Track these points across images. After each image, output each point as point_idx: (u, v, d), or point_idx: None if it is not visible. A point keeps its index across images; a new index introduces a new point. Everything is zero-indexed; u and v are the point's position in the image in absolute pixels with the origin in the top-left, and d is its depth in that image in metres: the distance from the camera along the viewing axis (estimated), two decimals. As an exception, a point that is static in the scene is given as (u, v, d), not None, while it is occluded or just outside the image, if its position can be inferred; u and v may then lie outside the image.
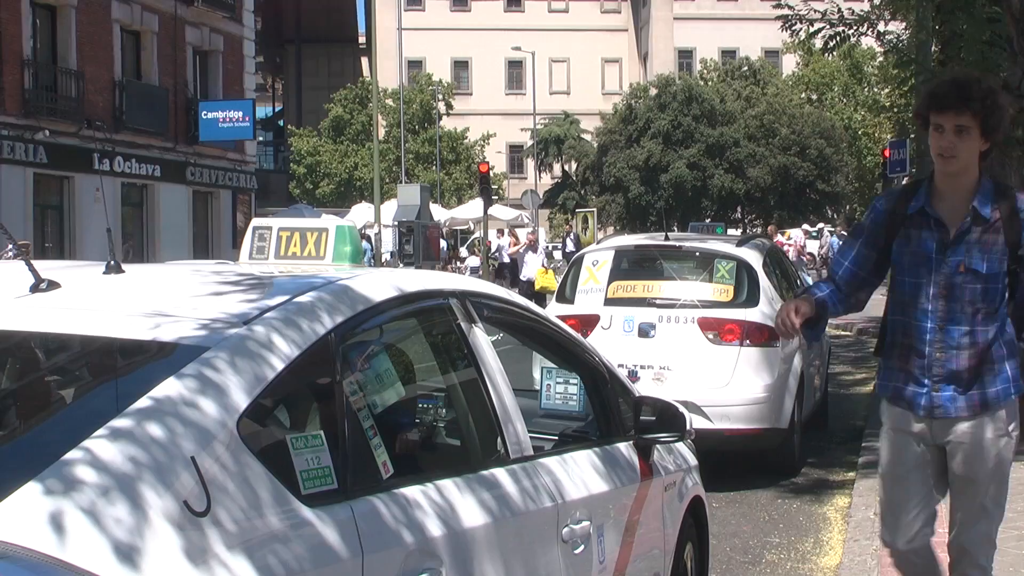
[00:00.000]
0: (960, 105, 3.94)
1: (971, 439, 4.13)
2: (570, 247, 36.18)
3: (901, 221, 4.15)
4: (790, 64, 64.20)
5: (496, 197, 54.11)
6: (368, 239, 37.26)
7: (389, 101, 63.52)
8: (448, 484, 3.16)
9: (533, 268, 25.45)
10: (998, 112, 3.97)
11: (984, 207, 4.05)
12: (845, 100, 56.20)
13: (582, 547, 3.76)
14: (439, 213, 46.82)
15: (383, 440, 3.07)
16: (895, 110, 27.85)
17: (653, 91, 58.23)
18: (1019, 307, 4.15)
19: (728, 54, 70.21)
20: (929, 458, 4.22)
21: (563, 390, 4.87)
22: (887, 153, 21.80)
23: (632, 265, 10.00)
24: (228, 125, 33.77)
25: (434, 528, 2.97)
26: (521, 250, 28.48)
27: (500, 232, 42.74)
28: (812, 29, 12.00)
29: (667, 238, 10.39)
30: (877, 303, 4.43)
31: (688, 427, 4.48)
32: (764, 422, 8.94)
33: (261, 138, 58.37)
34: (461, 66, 78.14)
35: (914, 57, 12.15)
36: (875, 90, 45.65)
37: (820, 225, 48.76)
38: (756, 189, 54.58)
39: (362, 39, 75.08)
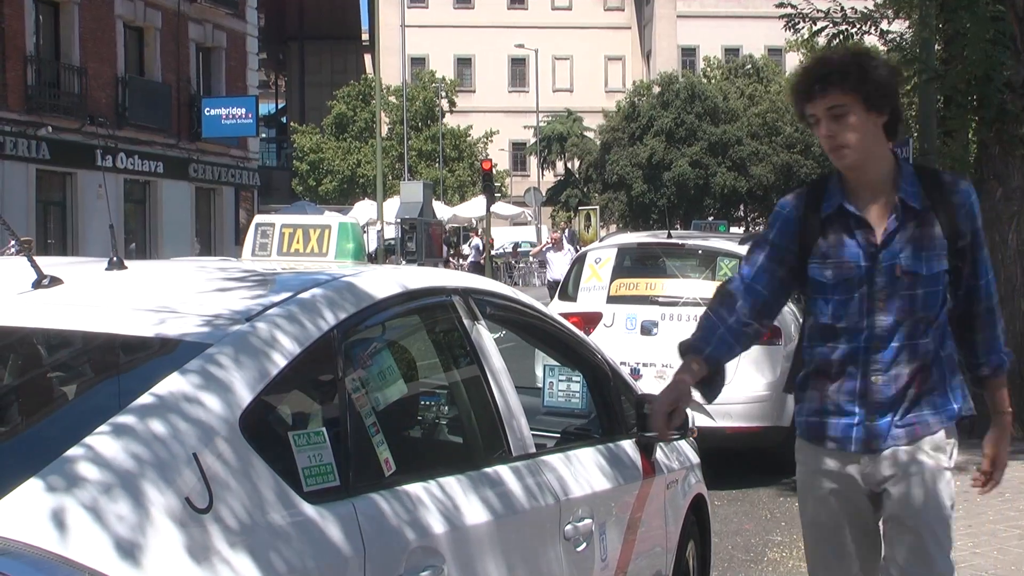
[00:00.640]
0: (823, 87, 3.30)
1: (909, 472, 3.40)
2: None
3: (817, 228, 3.42)
4: (793, 62, 64.04)
5: (499, 194, 54.15)
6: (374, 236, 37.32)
7: (392, 98, 63.49)
8: (450, 481, 3.16)
9: (560, 268, 25.04)
10: (876, 79, 3.29)
11: (912, 197, 3.37)
12: (848, 98, 56.09)
13: (584, 545, 3.76)
14: (442, 210, 46.86)
15: (385, 437, 3.07)
16: (898, 108, 27.82)
17: (656, 89, 58.19)
18: (964, 311, 3.47)
19: (731, 52, 70.17)
20: (865, 506, 3.49)
21: (566, 388, 4.87)
22: (890, 151, 21.73)
23: (635, 263, 10.00)
24: (231, 122, 33.80)
25: (436, 525, 2.96)
26: (543, 249, 28.56)
27: (475, 232, 42.52)
28: (815, 27, 11.98)
29: (670, 236, 10.39)
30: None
31: (690, 425, 4.48)
32: (766, 420, 8.94)
33: (264, 135, 58.38)
34: (464, 63, 78.11)
35: (917, 56, 12.12)
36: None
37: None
38: (759, 187, 54.55)
39: (365, 36, 75.15)
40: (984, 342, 3.49)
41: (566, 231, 39.08)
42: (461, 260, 43.04)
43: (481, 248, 38.86)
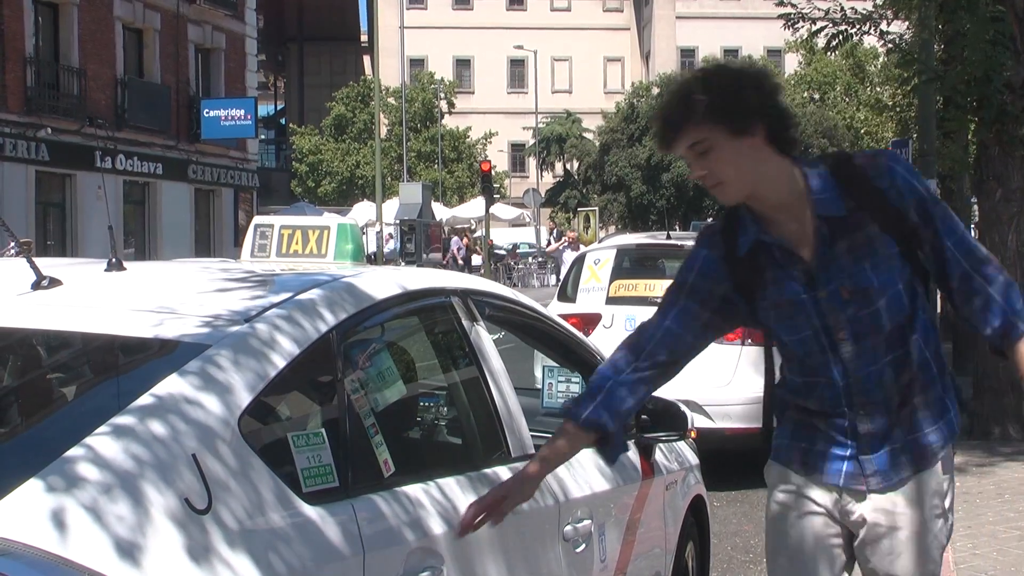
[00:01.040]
0: (674, 127, 2.85)
1: (897, 526, 2.97)
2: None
3: (745, 267, 2.95)
4: (792, 63, 64.13)
5: (498, 196, 54.18)
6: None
7: (391, 99, 63.51)
8: (450, 482, 3.16)
9: None
10: (728, 99, 2.81)
11: (831, 205, 2.88)
12: (847, 99, 56.14)
13: (583, 546, 3.76)
14: (441, 212, 46.87)
15: (385, 438, 3.07)
16: (897, 109, 27.81)
17: (655, 90, 58.15)
18: (947, 287, 2.96)
19: (730, 53, 70.17)
20: (839, 543, 3.06)
21: (565, 389, 4.87)
22: (889, 152, 21.73)
23: (634, 264, 10.01)
24: (230, 123, 33.82)
25: (436, 526, 2.96)
26: (560, 248, 28.64)
27: (459, 233, 42.47)
28: (814, 28, 11.99)
29: (669, 237, 10.40)
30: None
31: (689, 426, 4.48)
32: (766, 421, 8.92)
33: (263, 136, 58.35)
34: (463, 64, 78.15)
35: (917, 56, 12.12)
36: (878, 89, 45.62)
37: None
38: (758, 188, 54.55)
39: (364, 37, 75.11)
40: (980, 310, 2.92)
41: (555, 232, 39.19)
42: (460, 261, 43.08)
43: (462, 248, 39.06)
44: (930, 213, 2.91)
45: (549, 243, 38.45)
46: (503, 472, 3.44)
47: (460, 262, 37.91)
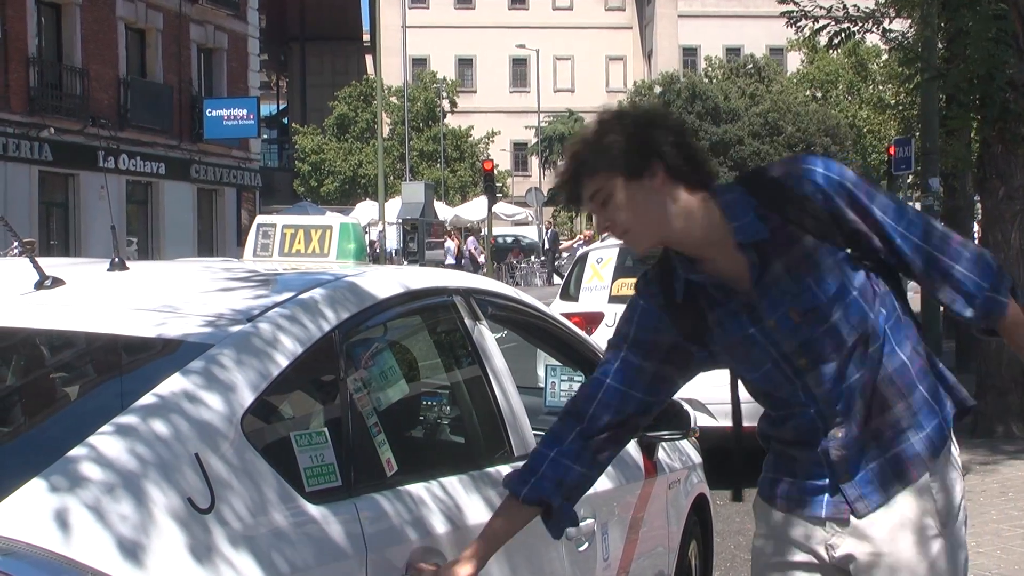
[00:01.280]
0: (574, 182, 2.69)
1: (881, 554, 2.69)
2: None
3: (686, 316, 2.76)
4: (795, 61, 64.12)
5: (500, 195, 54.17)
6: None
7: (393, 99, 63.52)
8: (453, 481, 3.16)
9: None
10: (615, 144, 2.63)
11: (750, 228, 2.64)
12: (850, 98, 56.13)
13: (586, 544, 3.76)
14: (443, 211, 46.89)
15: (387, 437, 3.07)
16: (900, 108, 27.80)
17: (657, 89, 58.20)
18: (917, 278, 2.72)
19: (732, 51, 70.18)
20: None
21: (568, 388, 4.87)
22: (892, 151, 21.76)
23: (636, 263, 10.00)
24: (232, 123, 33.84)
25: (438, 525, 2.97)
26: (575, 246, 28.64)
27: (450, 235, 42.28)
28: (817, 26, 11.98)
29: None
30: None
31: (692, 424, 4.48)
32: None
33: (265, 136, 58.39)
34: (465, 64, 78.14)
35: (919, 54, 12.12)
36: (880, 88, 45.60)
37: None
38: (760, 187, 54.55)
39: (366, 37, 75.20)
40: (954, 292, 2.68)
41: (548, 231, 39.16)
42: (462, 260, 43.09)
43: (454, 251, 39.05)
44: (865, 206, 2.64)
45: (468, 248, 38.54)
46: (506, 470, 3.44)
47: (480, 261, 37.73)
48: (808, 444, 2.74)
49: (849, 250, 2.66)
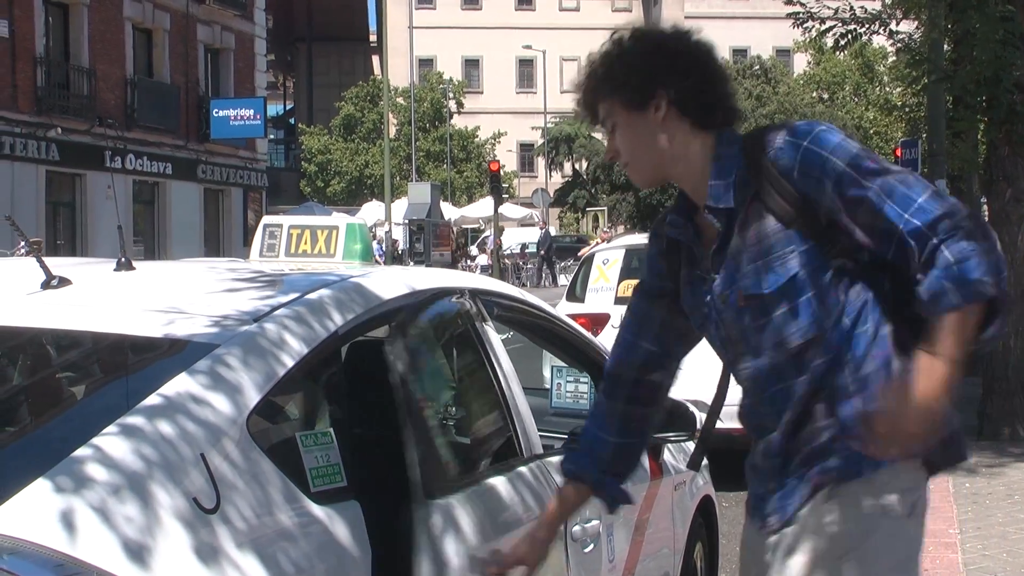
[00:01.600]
0: (583, 109, 2.58)
1: (777, 569, 2.46)
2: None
3: (669, 267, 2.62)
4: (801, 63, 64.09)
5: (507, 195, 54.17)
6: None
7: (400, 99, 63.56)
8: (496, 480, 3.16)
9: None
10: (617, 69, 2.49)
11: (719, 192, 2.42)
12: (857, 99, 56.10)
13: (592, 546, 3.76)
14: (449, 211, 46.90)
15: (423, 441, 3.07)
16: (907, 109, 27.77)
17: (664, 90, 58.11)
18: (912, 276, 2.27)
19: (739, 53, 70.13)
20: None
21: (573, 389, 4.87)
22: (899, 153, 21.76)
23: (642, 264, 10.00)
24: (239, 123, 33.88)
25: (496, 523, 2.97)
26: (594, 246, 28.62)
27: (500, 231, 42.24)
28: (823, 27, 11.97)
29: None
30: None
31: (698, 426, 4.47)
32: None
33: (272, 136, 58.46)
34: (472, 64, 78.15)
35: (926, 56, 12.10)
36: (887, 89, 45.58)
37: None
38: (767, 188, 54.52)
39: (373, 37, 75.13)
40: (923, 268, 2.25)
41: (542, 232, 39.00)
42: (469, 261, 43.07)
43: (492, 246, 38.91)
44: (855, 196, 2.28)
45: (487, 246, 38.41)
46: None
47: (505, 262, 37.45)
48: (761, 431, 2.52)
49: (821, 244, 2.35)
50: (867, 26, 11.72)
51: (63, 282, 3.08)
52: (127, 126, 30.93)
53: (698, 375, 3.48)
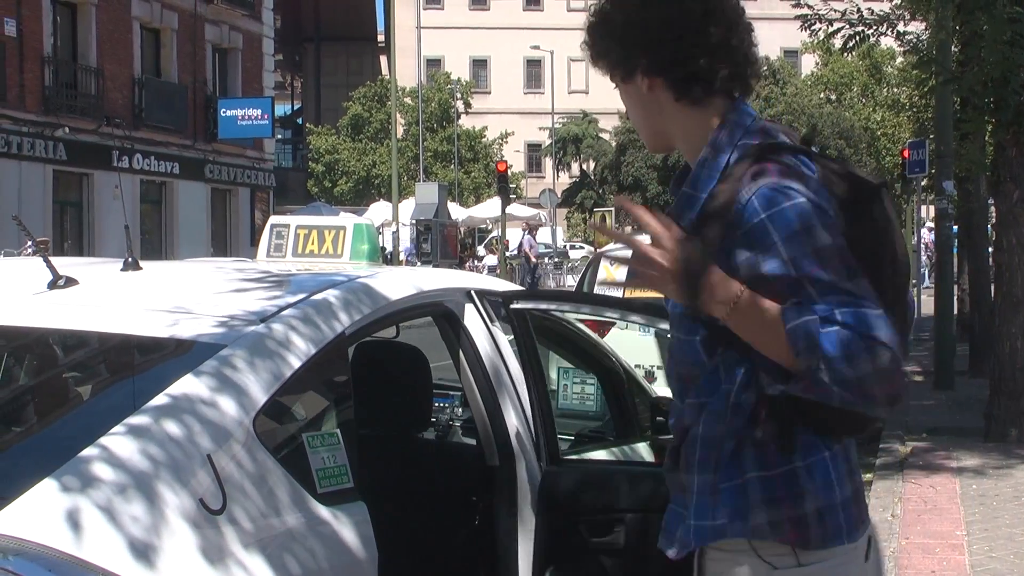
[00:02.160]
0: (593, 60, 2.33)
1: None
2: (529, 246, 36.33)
3: None
4: (809, 64, 64.01)
5: (514, 196, 54.13)
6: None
7: (407, 99, 63.55)
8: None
9: None
10: (606, 31, 2.25)
11: (704, 181, 2.18)
12: (864, 100, 56.00)
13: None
14: (457, 212, 46.87)
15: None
16: (914, 110, 27.72)
17: (671, 90, 58.06)
18: None
19: (747, 54, 70.05)
20: None
21: (580, 390, 4.87)
22: (906, 153, 21.69)
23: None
24: (247, 123, 33.87)
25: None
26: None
27: (534, 228, 41.84)
28: (831, 29, 11.95)
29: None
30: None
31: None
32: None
33: (280, 136, 58.49)
34: (480, 65, 78.11)
35: (934, 57, 12.08)
36: (895, 90, 45.50)
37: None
38: (774, 189, 54.45)
39: (381, 37, 75.27)
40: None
41: (525, 234, 38.82)
42: (476, 262, 43.02)
43: (534, 247, 38.67)
44: (760, 273, 2.02)
45: (522, 245, 38.08)
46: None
47: (534, 260, 36.97)
48: None
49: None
50: (875, 28, 11.70)
51: (70, 282, 3.09)
52: (135, 126, 30.94)
53: None
